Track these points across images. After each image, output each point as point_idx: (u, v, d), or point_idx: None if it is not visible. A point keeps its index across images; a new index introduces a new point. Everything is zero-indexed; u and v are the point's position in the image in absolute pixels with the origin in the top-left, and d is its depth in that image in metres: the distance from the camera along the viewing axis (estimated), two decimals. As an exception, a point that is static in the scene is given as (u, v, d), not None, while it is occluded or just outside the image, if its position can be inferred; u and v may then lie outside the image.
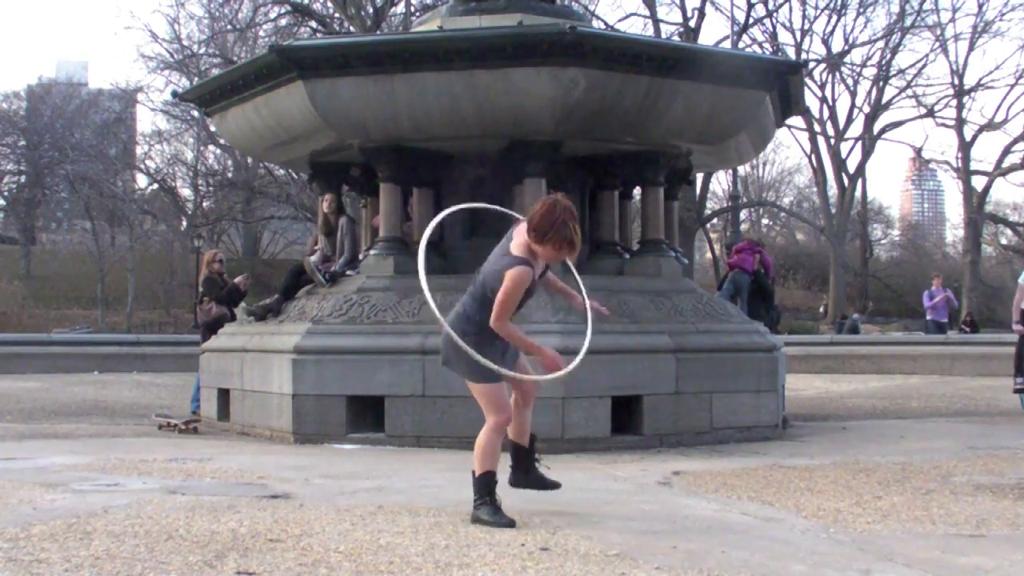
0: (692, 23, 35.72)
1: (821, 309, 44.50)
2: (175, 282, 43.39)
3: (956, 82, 43.28)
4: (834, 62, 41.55)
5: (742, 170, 49.14)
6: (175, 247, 45.68)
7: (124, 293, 40.62)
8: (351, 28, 29.94)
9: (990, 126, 43.48)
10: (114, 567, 3.75)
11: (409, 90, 8.53)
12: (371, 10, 31.43)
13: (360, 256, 9.89)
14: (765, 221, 64.70)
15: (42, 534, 4.27)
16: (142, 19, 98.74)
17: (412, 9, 30.12)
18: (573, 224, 4.58)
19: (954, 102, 43.91)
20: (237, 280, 11.22)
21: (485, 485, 4.76)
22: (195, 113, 34.31)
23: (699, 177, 32.16)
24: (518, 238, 4.73)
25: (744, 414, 8.73)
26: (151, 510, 4.89)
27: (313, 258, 9.96)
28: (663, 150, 9.73)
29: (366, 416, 8.31)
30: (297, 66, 8.67)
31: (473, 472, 4.81)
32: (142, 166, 45.48)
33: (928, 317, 22.74)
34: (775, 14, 39.28)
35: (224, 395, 9.70)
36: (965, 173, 44.35)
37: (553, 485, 5.16)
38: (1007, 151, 43.63)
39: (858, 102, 44.84)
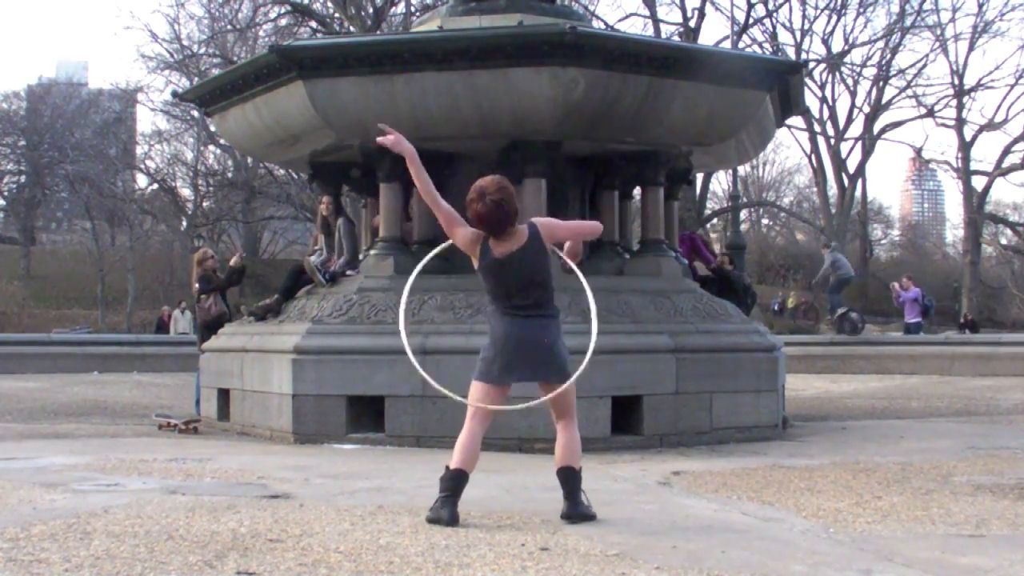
0: (692, 23, 35.69)
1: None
2: (175, 282, 43.30)
3: (956, 82, 43.26)
4: (834, 62, 41.51)
5: (742, 170, 49.07)
6: (175, 247, 45.59)
7: (124, 293, 40.59)
8: (351, 28, 29.93)
9: (990, 126, 43.46)
10: (114, 567, 3.75)
11: (409, 90, 8.54)
12: (371, 10, 31.42)
13: (360, 256, 9.89)
14: (765, 221, 64.76)
15: (42, 534, 4.27)
16: (142, 19, 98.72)
17: (412, 9, 30.13)
18: (481, 193, 4.93)
19: (954, 102, 43.90)
20: (232, 262, 11.25)
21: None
22: (195, 113, 34.30)
23: (699, 177, 32.14)
24: None
25: (744, 414, 8.73)
26: (151, 510, 4.88)
27: (313, 258, 9.97)
28: (663, 150, 9.73)
29: (366, 416, 8.31)
30: (297, 66, 8.68)
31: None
32: (142, 166, 45.42)
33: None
34: (775, 14, 39.26)
35: (224, 395, 9.71)
36: (965, 173, 44.33)
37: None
38: (1007, 151, 43.63)
39: (858, 102, 44.83)
